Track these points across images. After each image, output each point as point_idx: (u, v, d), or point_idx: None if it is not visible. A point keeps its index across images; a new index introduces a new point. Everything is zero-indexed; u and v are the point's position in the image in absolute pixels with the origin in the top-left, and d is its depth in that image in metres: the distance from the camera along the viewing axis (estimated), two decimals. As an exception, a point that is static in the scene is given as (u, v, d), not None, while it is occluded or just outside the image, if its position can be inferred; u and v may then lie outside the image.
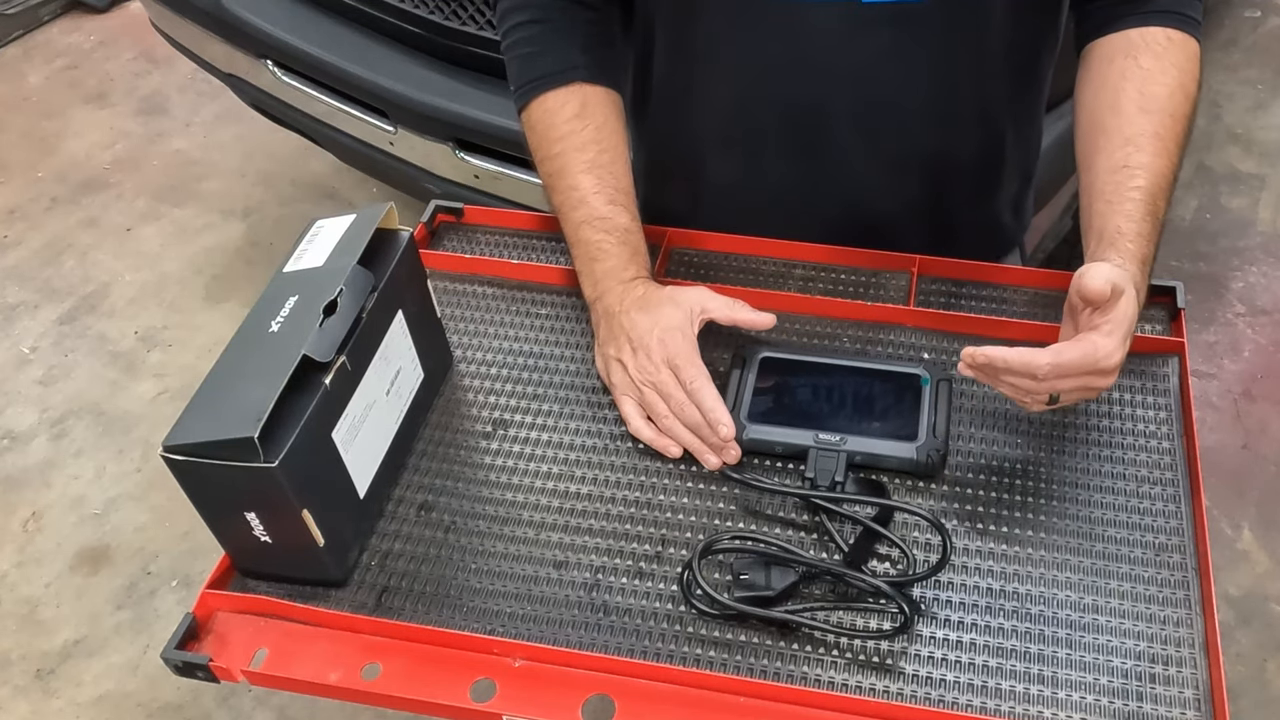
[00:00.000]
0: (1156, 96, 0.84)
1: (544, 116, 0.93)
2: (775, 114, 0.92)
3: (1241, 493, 1.93)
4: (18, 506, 2.03)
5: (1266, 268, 2.34)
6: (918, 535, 0.77)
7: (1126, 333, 0.74)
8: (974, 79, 0.90)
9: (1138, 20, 0.86)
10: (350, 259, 0.76)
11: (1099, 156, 0.84)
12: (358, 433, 0.75)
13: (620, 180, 0.92)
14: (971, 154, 0.97)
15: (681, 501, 0.80)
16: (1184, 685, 0.68)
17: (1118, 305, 0.74)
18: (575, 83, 0.92)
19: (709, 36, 0.90)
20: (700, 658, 0.71)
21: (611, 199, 0.91)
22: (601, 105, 0.93)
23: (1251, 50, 2.90)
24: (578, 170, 0.91)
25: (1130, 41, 0.86)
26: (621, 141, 0.94)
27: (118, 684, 1.77)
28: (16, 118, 2.97)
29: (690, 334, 0.84)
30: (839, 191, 0.96)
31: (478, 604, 0.74)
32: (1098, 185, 0.83)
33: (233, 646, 0.73)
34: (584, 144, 0.92)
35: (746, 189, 0.99)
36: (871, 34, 0.85)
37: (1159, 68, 0.84)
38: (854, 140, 0.92)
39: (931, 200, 0.98)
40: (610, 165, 0.92)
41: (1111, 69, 0.86)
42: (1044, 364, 0.72)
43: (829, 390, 0.84)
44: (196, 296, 2.44)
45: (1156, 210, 0.81)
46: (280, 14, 1.88)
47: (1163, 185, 0.82)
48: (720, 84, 0.93)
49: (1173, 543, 0.75)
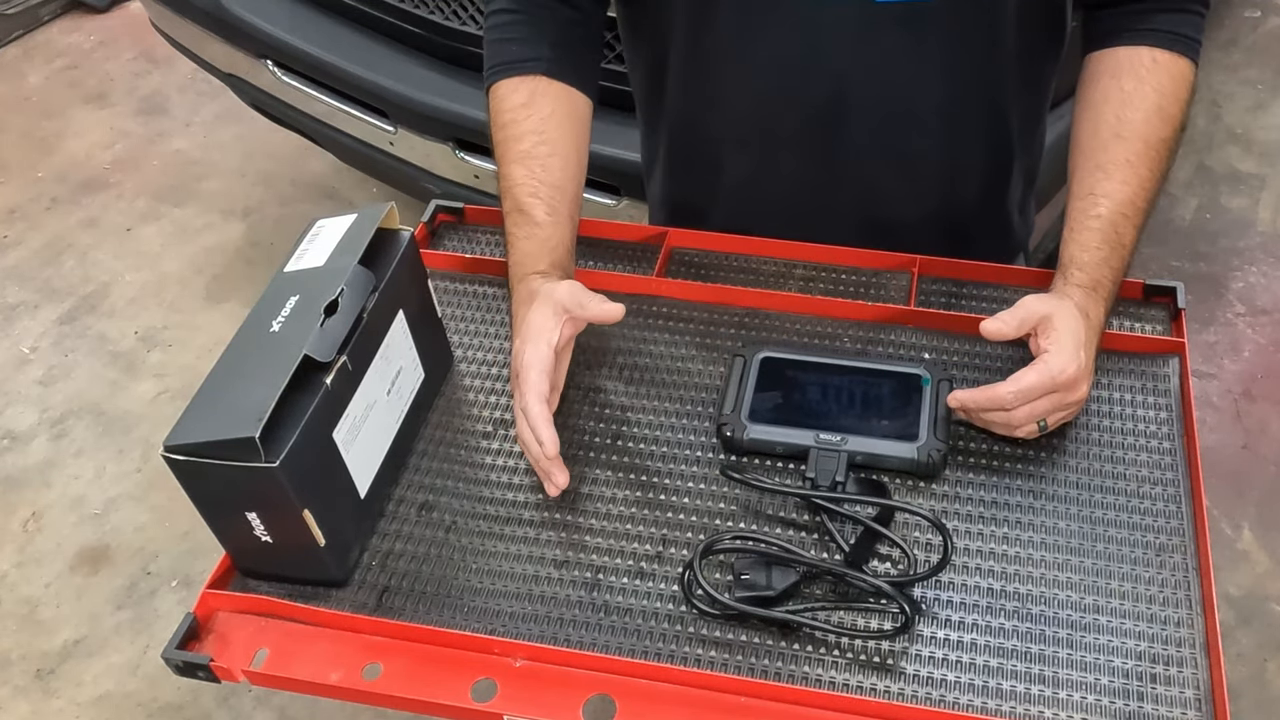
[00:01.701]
0: (1131, 121, 0.86)
1: (495, 103, 0.93)
2: (790, 113, 0.93)
3: (1241, 493, 1.93)
4: (18, 506, 2.03)
5: (1266, 268, 2.34)
6: (918, 535, 0.77)
7: (1075, 345, 0.77)
8: (984, 79, 0.91)
9: (1130, 38, 0.88)
10: (351, 259, 0.76)
11: (1074, 179, 0.88)
12: (358, 433, 0.75)
13: (550, 174, 0.90)
14: (982, 154, 0.97)
15: (682, 501, 0.80)
16: (1184, 685, 0.68)
17: (1052, 325, 0.78)
18: (534, 74, 0.92)
19: (724, 35, 0.90)
20: (701, 658, 0.71)
21: (534, 192, 0.89)
22: (552, 98, 0.92)
23: (1251, 50, 2.90)
24: (510, 160, 0.91)
25: (1117, 62, 0.88)
26: (567, 136, 0.92)
27: (118, 684, 1.77)
28: (16, 118, 2.97)
29: (548, 341, 0.80)
30: (853, 190, 0.96)
31: (478, 604, 0.74)
32: (1068, 210, 0.87)
33: (233, 646, 0.73)
34: (522, 134, 0.91)
35: (762, 186, 0.99)
36: (884, 33, 0.86)
37: (1139, 92, 0.86)
38: (867, 139, 0.92)
39: (943, 199, 0.98)
40: (545, 158, 0.90)
41: (1096, 90, 0.89)
42: (1008, 393, 0.77)
43: (830, 390, 0.84)
44: (196, 296, 2.44)
45: (1119, 236, 0.84)
46: (280, 14, 1.88)
47: (1127, 212, 0.85)
48: (735, 82, 0.93)
49: (1173, 543, 0.76)
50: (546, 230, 0.89)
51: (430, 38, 1.73)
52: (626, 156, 1.11)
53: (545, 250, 0.88)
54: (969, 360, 0.89)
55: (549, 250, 0.88)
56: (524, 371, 0.79)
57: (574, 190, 0.93)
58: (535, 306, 0.82)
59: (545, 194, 0.89)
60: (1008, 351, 0.89)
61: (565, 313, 0.81)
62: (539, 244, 0.88)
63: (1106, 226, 0.84)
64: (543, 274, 0.86)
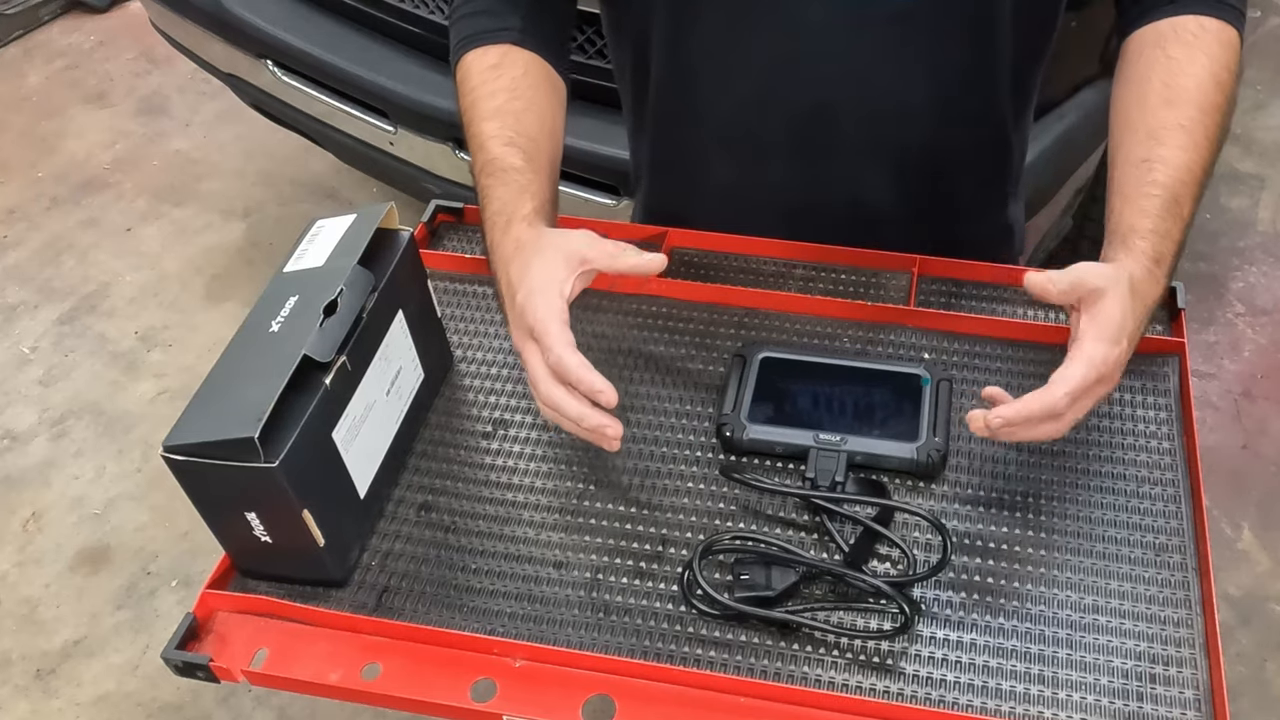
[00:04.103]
0: (1183, 88, 0.79)
1: (462, 73, 0.89)
2: (776, 114, 0.92)
3: (1241, 493, 1.93)
4: (18, 506, 2.03)
5: (1266, 268, 2.34)
6: (918, 535, 0.77)
7: (1119, 330, 0.70)
8: (973, 82, 0.90)
9: (1171, 10, 0.83)
10: (351, 259, 0.76)
11: (1120, 151, 0.81)
12: (358, 433, 0.75)
13: (524, 125, 0.84)
14: (970, 158, 0.97)
15: (681, 501, 0.80)
16: (1184, 685, 0.68)
17: (1101, 303, 0.70)
18: (503, 43, 0.89)
19: (707, 38, 0.90)
20: (700, 658, 0.71)
21: (510, 141, 0.83)
22: (524, 61, 0.88)
23: (1251, 50, 2.89)
24: (482, 118, 0.85)
25: (1160, 33, 0.83)
26: (541, 95, 0.87)
27: (118, 684, 1.77)
28: (16, 118, 2.97)
29: (560, 292, 0.72)
30: (841, 192, 0.96)
31: (478, 604, 0.74)
32: (1118, 180, 0.80)
33: (233, 646, 0.73)
34: (494, 91, 0.86)
35: (748, 189, 0.99)
36: (872, 35, 0.85)
37: (1187, 57, 0.80)
38: (855, 141, 0.92)
39: (932, 205, 0.98)
40: (520, 113, 0.85)
41: (1140, 61, 0.83)
42: (1061, 397, 0.68)
43: (829, 390, 0.84)
44: (196, 296, 2.44)
45: (1179, 205, 0.76)
46: (280, 14, 1.88)
47: (1186, 179, 0.77)
48: (720, 84, 0.92)
49: (1173, 543, 0.75)
50: (526, 175, 0.81)
51: (430, 38, 1.73)
52: (626, 156, 1.11)
53: (526, 196, 0.79)
54: (969, 360, 0.89)
55: (530, 195, 0.80)
56: (540, 325, 0.70)
57: (551, 149, 0.86)
58: (538, 255, 0.74)
59: (522, 143, 0.83)
60: (1008, 352, 0.89)
61: (582, 264, 0.73)
62: (518, 190, 0.80)
63: (1167, 195, 0.76)
64: (527, 220, 0.78)
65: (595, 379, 0.69)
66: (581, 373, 0.69)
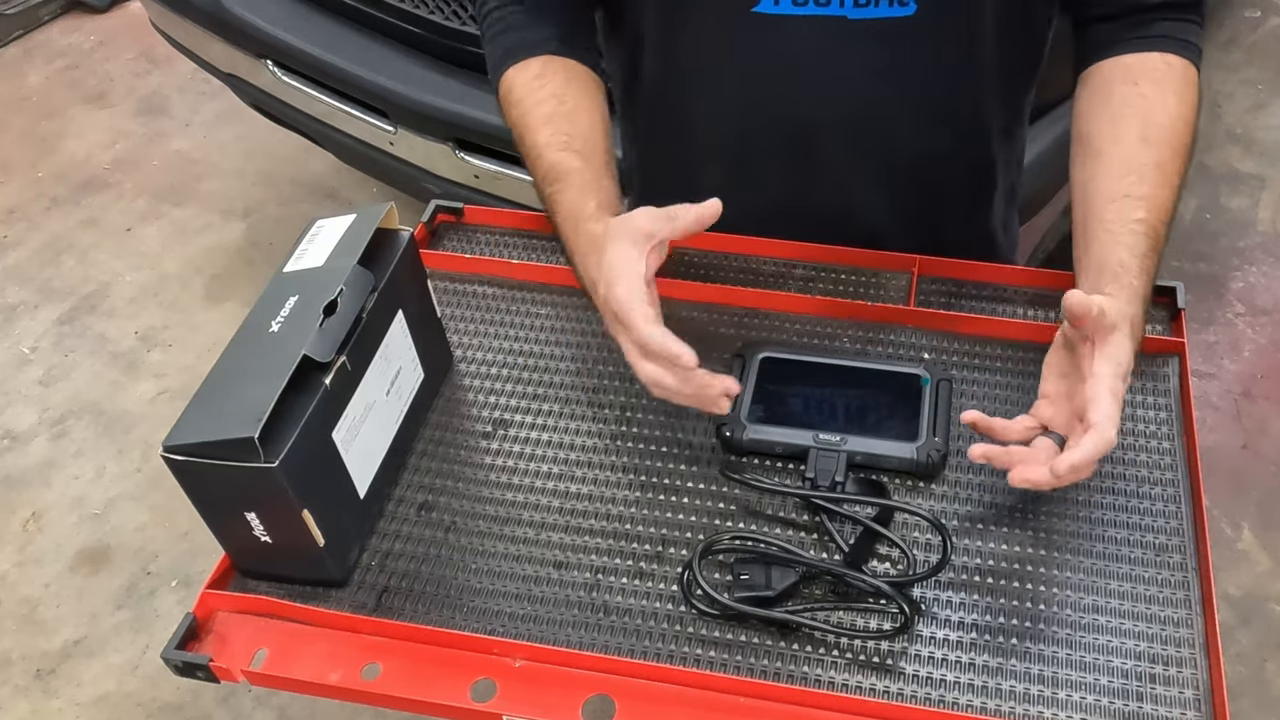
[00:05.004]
0: (1159, 126, 0.82)
1: (505, 89, 0.91)
2: (763, 125, 0.92)
3: (1241, 493, 1.93)
4: (18, 506, 2.03)
5: (1266, 268, 2.34)
6: (918, 535, 0.77)
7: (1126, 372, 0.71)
8: (961, 94, 0.90)
9: (1135, 45, 0.85)
10: (350, 259, 0.76)
11: (1097, 184, 0.82)
12: (358, 433, 0.75)
13: (576, 126, 0.87)
14: (960, 169, 0.96)
15: (681, 501, 0.80)
16: (1184, 685, 0.68)
17: (1115, 344, 0.71)
18: (541, 54, 0.90)
19: (696, 47, 0.90)
20: (700, 658, 0.71)
21: (565, 145, 0.85)
22: (565, 68, 0.90)
23: (1251, 50, 2.90)
24: (533, 128, 0.88)
25: (1128, 68, 0.85)
26: (587, 96, 0.89)
27: (118, 684, 1.77)
28: (16, 118, 2.97)
29: (636, 273, 0.74)
30: (829, 202, 0.96)
31: (478, 604, 0.74)
32: (1096, 212, 0.81)
33: (233, 646, 0.73)
34: (541, 100, 0.88)
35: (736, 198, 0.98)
36: (859, 48, 0.85)
37: (1159, 96, 0.82)
38: (843, 152, 0.92)
39: (921, 214, 0.97)
40: (570, 114, 0.87)
41: (1113, 97, 0.84)
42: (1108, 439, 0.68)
43: (829, 390, 0.84)
44: (196, 296, 2.44)
45: (1158, 243, 0.79)
46: (280, 14, 1.88)
47: (1165, 220, 0.80)
48: (708, 94, 0.92)
49: (1173, 543, 0.75)
50: (586, 175, 0.84)
51: (430, 38, 1.73)
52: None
53: (589, 194, 0.83)
54: (969, 360, 0.89)
55: (592, 193, 0.83)
56: (624, 308, 0.72)
57: (605, 145, 0.88)
58: (610, 246, 0.76)
59: (577, 145, 0.86)
60: (1008, 352, 0.89)
61: (649, 239, 0.75)
62: (579, 191, 0.83)
63: (1152, 234, 0.78)
64: (594, 217, 0.81)
65: (671, 345, 0.71)
66: (660, 343, 0.71)
